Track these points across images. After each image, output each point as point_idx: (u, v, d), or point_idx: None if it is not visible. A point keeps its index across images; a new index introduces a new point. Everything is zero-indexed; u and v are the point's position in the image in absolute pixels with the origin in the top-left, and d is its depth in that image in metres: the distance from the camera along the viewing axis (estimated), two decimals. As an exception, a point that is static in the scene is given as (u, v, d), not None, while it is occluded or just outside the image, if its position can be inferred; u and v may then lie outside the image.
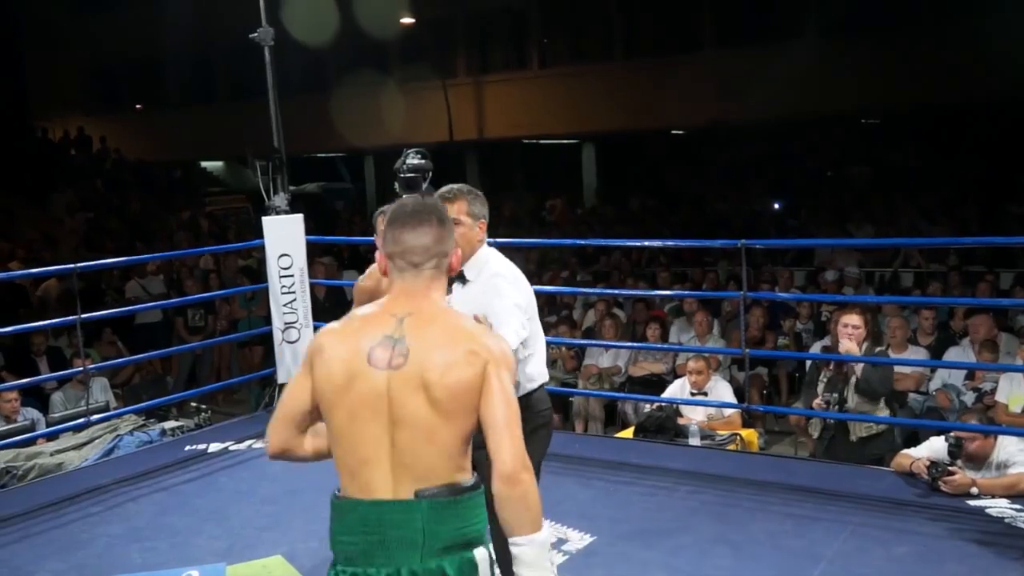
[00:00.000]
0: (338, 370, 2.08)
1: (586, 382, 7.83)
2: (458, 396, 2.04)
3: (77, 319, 5.63)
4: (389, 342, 2.07)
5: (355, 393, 2.06)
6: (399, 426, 2.03)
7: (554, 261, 12.12)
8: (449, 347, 2.06)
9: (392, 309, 2.13)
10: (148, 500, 5.04)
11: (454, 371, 2.04)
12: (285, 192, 6.52)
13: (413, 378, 2.04)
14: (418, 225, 2.16)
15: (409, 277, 2.16)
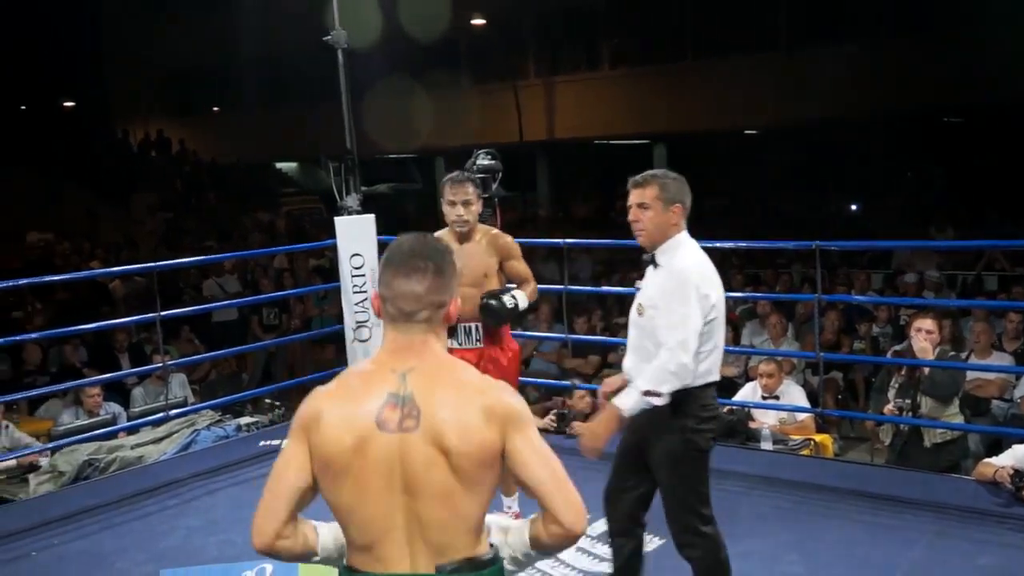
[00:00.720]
0: (343, 436, 1.87)
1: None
2: (483, 462, 1.88)
3: (157, 317, 5.77)
4: (396, 400, 1.89)
5: (365, 461, 1.87)
6: (415, 496, 1.87)
7: (624, 262, 12.07)
8: (462, 406, 1.89)
9: (391, 364, 1.94)
10: (224, 494, 5.17)
11: (474, 434, 1.87)
12: (357, 193, 6.60)
13: (428, 442, 1.87)
14: (411, 272, 1.96)
15: (402, 327, 1.97)
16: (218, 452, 5.86)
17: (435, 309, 1.97)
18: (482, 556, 1.92)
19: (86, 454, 5.68)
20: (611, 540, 3.58)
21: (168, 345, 8.46)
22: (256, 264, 12.35)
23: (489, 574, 1.92)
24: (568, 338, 6.63)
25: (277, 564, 4.13)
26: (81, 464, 5.61)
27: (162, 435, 6.13)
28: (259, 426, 6.42)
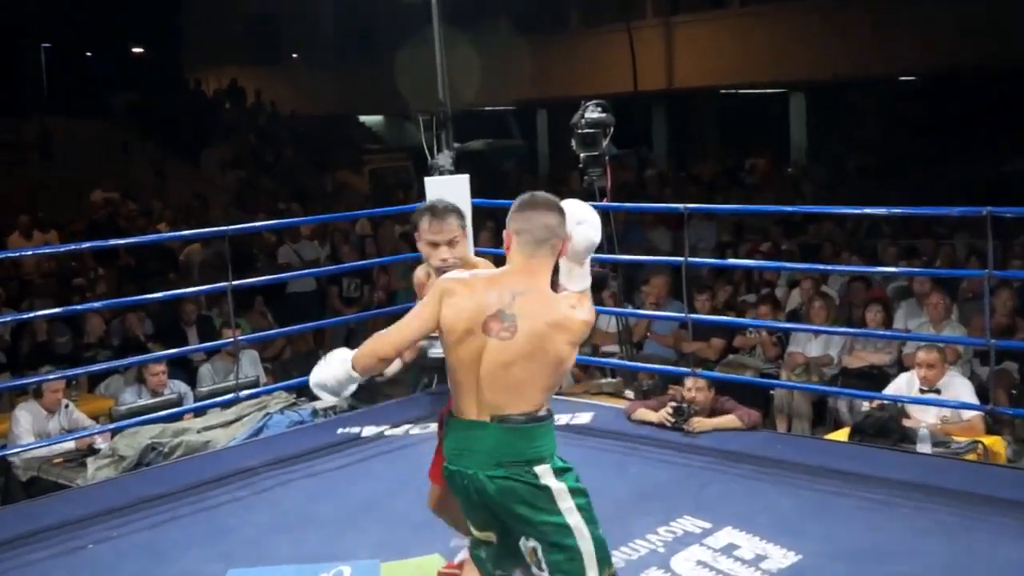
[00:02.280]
0: (462, 320, 2.88)
1: (791, 373, 7.61)
2: (550, 365, 2.87)
3: (228, 286, 5.85)
4: (502, 316, 2.86)
5: (466, 345, 2.88)
6: (488, 383, 2.87)
7: (754, 230, 11.82)
8: (550, 334, 2.86)
9: (510, 283, 2.89)
10: (298, 486, 5.22)
11: (550, 345, 2.85)
12: (450, 150, 6.58)
13: (515, 351, 2.85)
14: (546, 209, 2.91)
15: (529, 252, 2.89)
16: (292, 439, 5.92)
17: (557, 239, 2.91)
18: (530, 413, 2.87)
19: (149, 438, 5.80)
20: None
21: (239, 318, 8.58)
22: (336, 229, 12.47)
23: (532, 427, 2.87)
24: (687, 318, 6.50)
25: (355, 565, 4.15)
26: (143, 448, 5.73)
27: (231, 418, 6.22)
28: (337, 411, 6.47)
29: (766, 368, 7.93)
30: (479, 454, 2.86)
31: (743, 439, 5.51)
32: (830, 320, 7.81)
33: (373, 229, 12.61)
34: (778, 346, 8.04)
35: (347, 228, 12.69)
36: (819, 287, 8.50)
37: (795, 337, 7.89)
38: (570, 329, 2.86)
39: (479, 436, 2.87)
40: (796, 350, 7.80)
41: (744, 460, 5.21)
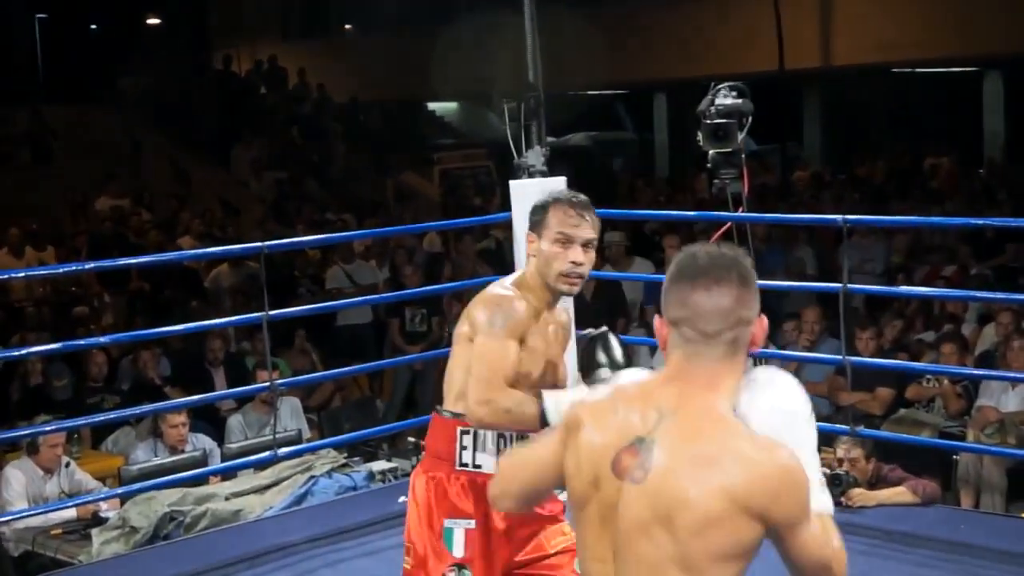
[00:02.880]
0: (587, 465, 2.33)
1: (980, 432, 7.55)
2: (719, 555, 2.16)
3: (264, 316, 5.98)
4: (639, 445, 2.26)
5: (600, 497, 2.30)
6: (616, 554, 2.27)
7: (935, 249, 11.70)
8: (708, 478, 2.16)
9: (659, 398, 2.29)
10: (350, 567, 5.33)
11: (713, 531, 2.15)
12: (542, 145, 6.66)
13: (648, 505, 2.21)
14: (714, 283, 2.28)
15: (693, 350, 2.29)
16: (343, 509, 6.03)
17: (742, 327, 2.29)
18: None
19: (166, 505, 5.95)
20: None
21: (277, 357, 8.75)
22: (399, 246, 12.62)
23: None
24: (846, 360, 6.49)
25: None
26: (160, 518, 5.88)
27: (268, 482, 6.36)
28: (398, 474, 6.57)
29: (948, 426, 7.87)
30: None
31: (917, 517, 5.50)
32: (1033, 365, 7.73)
33: (444, 246, 12.76)
34: (964, 398, 7.98)
35: (412, 245, 12.83)
36: (1020, 323, 8.42)
37: (987, 387, 7.81)
38: (733, 475, 2.16)
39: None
40: (988, 403, 7.73)
41: (916, 543, 5.20)
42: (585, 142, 22.70)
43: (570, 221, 3.42)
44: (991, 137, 19.89)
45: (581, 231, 3.43)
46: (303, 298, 10.99)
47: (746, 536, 2.15)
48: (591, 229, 3.45)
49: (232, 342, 9.97)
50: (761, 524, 2.15)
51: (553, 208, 3.45)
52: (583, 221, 3.43)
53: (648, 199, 15.84)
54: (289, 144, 20.97)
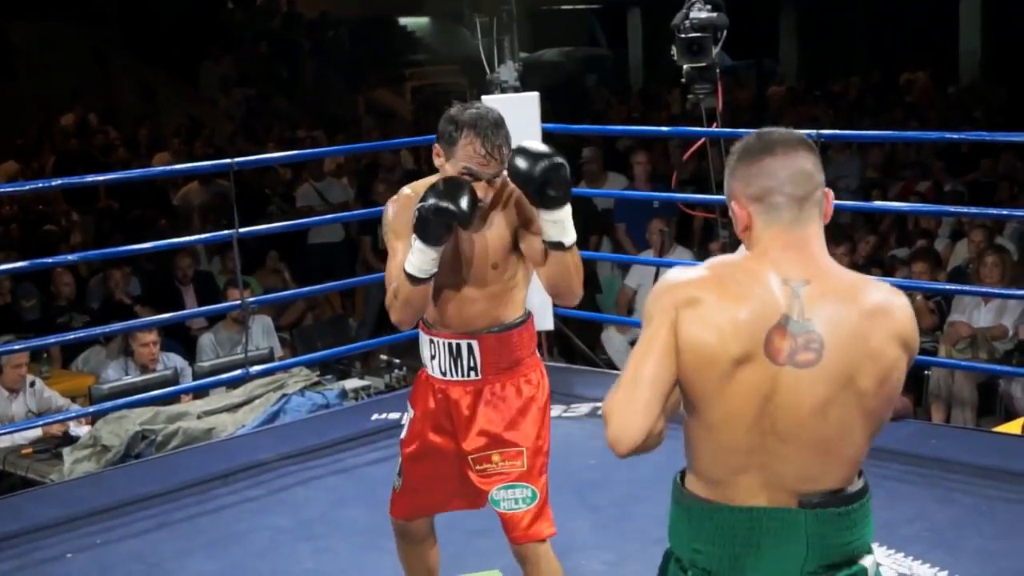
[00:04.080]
0: (728, 341, 2.20)
1: (952, 348, 7.60)
2: (891, 399, 2.24)
3: (234, 234, 5.97)
4: (787, 325, 2.20)
5: (737, 385, 2.21)
6: (788, 442, 2.22)
7: (909, 165, 11.72)
8: (876, 334, 2.21)
9: (781, 270, 2.24)
10: (322, 484, 5.36)
11: (891, 369, 2.22)
12: (515, 61, 6.63)
13: (831, 380, 2.19)
14: (791, 150, 2.29)
15: (792, 217, 2.26)
16: (315, 427, 6.06)
17: (821, 192, 2.30)
18: (851, 489, 2.27)
19: (138, 423, 5.97)
20: None
21: (248, 276, 8.73)
22: (371, 163, 12.58)
23: (858, 508, 2.27)
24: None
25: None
26: (132, 437, 5.90)
27: (240, 400, 6.38)
28: (371, 392, 6.60)
29: (921, 341, 7.93)
30: (782, 560, 2.26)
31: (888, 432, 5.41)
32: (1005, 281, 7.76)
33: (417, 163, 12.71)
34: (936, 314, 8.02)
35: (384, 162, 12.78)
36: (992, 239, 8.45)
37: (959, 302, 7.86)
38: (893, 315, 2.23)
39: (778, 534, 2.25)
40: (959, 319, 7.78)
41: (888, 458, 5.24)
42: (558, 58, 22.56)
43: (478, 159, 3.31)
44: (967, 54, 19.85)
45: (488, 169, 3.32)
46: (274, 216, 10.94)
47: (903, 374, 2.24)
48: (499, 164, 3.33)
49: (203, 261, 9.94)
50: (908, 357, 2.24)
51: (464, 137, 3.31)
52: (492, 160, 3.31)
53: (622, 115, 15.77)
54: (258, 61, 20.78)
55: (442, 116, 3.40)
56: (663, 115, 14.90)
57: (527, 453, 3.45)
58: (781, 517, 2.23)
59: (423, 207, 3.22)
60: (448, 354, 3.50)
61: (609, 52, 24.85)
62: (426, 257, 3.26)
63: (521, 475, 3.44)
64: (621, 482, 4.75)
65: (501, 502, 3.45)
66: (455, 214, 3.21)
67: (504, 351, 3.49)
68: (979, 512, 4.72)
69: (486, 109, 3.39)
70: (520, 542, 3.46)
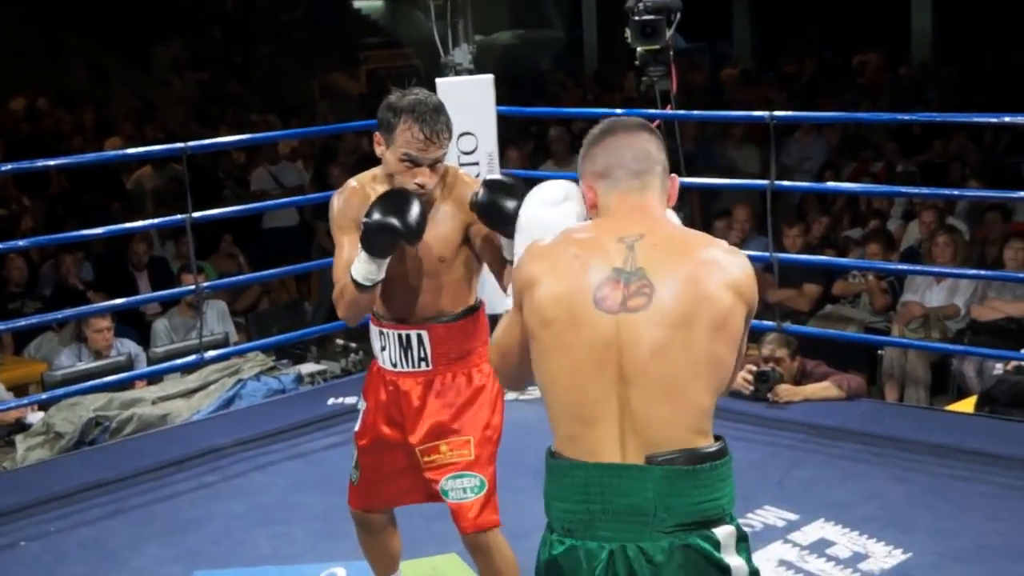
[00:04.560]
0: (557, 313, 2.37)
1: (905, 327, 7.66)
2: (729, 342, 2.36)
3: (187, 219, 5.94)
4: (620, 276, 2.34)
5: (579, 341, 2.35)
6: (633, 384, 2.32)
7: (863, 146, 11.78)
8: (705, 279, 2.34)
9: (617, 230, 2.41)
10: (278, 470, 5.35)
11: (722, 311, 2.34)
12: (469, 43, 6.61)
13: (660, 322, 2.31)
14: (632, 131, 2.49)
15: (628, 186, 2.46)
16: (271, 412, 6.06)
17: (663, 171, 2.50)
18: (704, 448, 2.33)
19: (92, 410, 5.94)
20: None
21: (202, 261, 8.69)
22: (326, 146, 12.54)
23: (710, 468, 2.32)
24: (772, 257, 6.54)
25: (351, 566, 4.26)
26: (86, 423, 5.87)
27: (194, 386, 6.35)
28: (327, 376, 6.59)
29: (873, 322, 7.98)
30: (631, 517, 2.31)
31: (842, 411, 5.59)
32: (957, 261, 7.82)
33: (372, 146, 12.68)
34: (889, 294, 8.08)
35: (339, 145, 12.74)
36: (944, 219, 8.51)
37: (911, 282, 7.92)
38: (725, 266, 2.36)
39: (630, 488, 2.31)
40: (912, 299, 7.83)
41: (842, 437, 5.30)
42: (512, 40, 22.55)
43: (416, 144, 3.29)
44: (919, 35, 19.97)
45: (428, 154, 3.30)
46: (228, 200, 10.87)
47: (741, 323, 2.37)
48: (439, 148, 3.32)
49: (156, 246, 9.89)
50: (746, 312, 2.37)
51: (402, 124, 3.30)
52: (431, 145, 3.29)
53: (576, 97, 15.77)
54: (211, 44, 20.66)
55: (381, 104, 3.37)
56: (618, 97, 14.89)
57: (475, 442, 3.45)
58: (630, 474, 2.31)
59: (369, 222, 3.21)
60: (398, 345, 3.48)
61: (563, 34, 24.84)
62: (372, 267, 3.27)
63: (469, 464, 3.44)
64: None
65: (450, 492, 3.44)
66: (402, 233, 3.21)
67: (454, 341, 3.48)
68: (932, 490, 4.77)
69: (425, 95, 3.36)
70: (469, 531, 3.45)
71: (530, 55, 21.66)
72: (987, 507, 4.58)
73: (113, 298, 7.55)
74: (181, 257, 9.23)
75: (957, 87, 15.13)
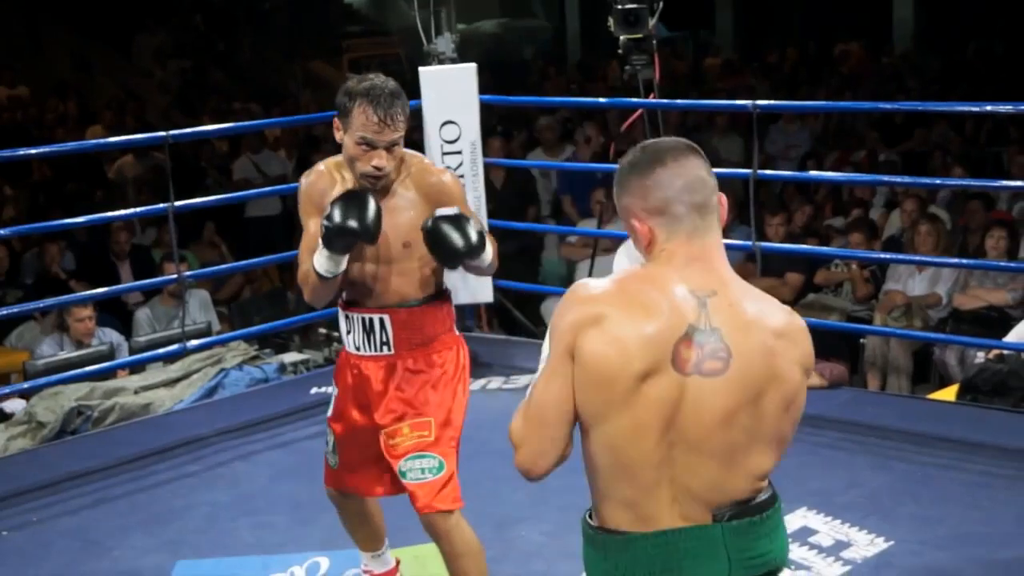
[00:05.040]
0: (632, 357, 2.16)
1: (887, 316, 7.67)
2: (795, 418, 2.26)
3: (169, 208, 5.93)
4: (693, 335, 2.17)
5: (643, 398, 2.17)
6: (693, 452, 2.19)
7: (845, 135, 11.80)
8: (782, 351, 2.21)
9: (687, 281, 2.21)
10: (262, 459, 5.35)
11: (793, 385, 2.22)
12: (452, 32, 6.60)
13: (737, 390, 2.18)
14: (683, 157, 2.26)
15: (693, 226, 2.23)
16: (254, 401, 6.05)
17: (717, 199, 2.27)
18: (760, 498, 2.24)
19: (74, 399, 5.92)
20: None
21: (184, 250, 8.67)
22: (309, 135, 12.52)
23: (770, 516, 2.25)
24: (755, 246, 6.55)
25: (335, 555, 4.27)
26: (68, 413, 5.85)
27: (177, 375, 6.34)
28: (310, 366, 6.57)
29: (855, 311, 8.00)
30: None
31: (824, 400, 5.59)
32: (939, 249, 7.84)
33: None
34: (871, 283, 8.09)
35: (321, 134, 12.72)
36: (926, 208, 8.53)
37: (894, 271, 7.93)
38: (797, 342, 2.24)
39: (698, 553, 2.22)
40: (894, 288, 7.85)
41: (824, 425, 5.30)
42: (496, 29, 22.52)
43: (372, 127, 3.29)
44: (901, 24, 20.00)
45: (384, 136, 3.31)
46: (210, 189, 10.85)
47: (805, 399, 2.26)
48: (395, 130, 3.32)
49: (138, 235, 9.87)
50: (807, 382, 2.27)
51: (357, 107, 3.31)
52: (386, 127, 3.29)
53: (560, 87, 15.76)
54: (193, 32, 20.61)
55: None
56: (600, 87, 14.89)
57: (435, 424, 3.46)
58: (698, 536, 2.21)
59: (327, 225, 3.25)
60: (361, 329, 3.51)
61: (547, 23, 24.81)
62: (332, 262, 3.32)
63: (428, 445, 3.45)
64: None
65: (408, 472, 3.46)
66: (358, 233, 3.25)
67: (416, 327, 3.50)
68: (914, 478, 4.78)
69: (382, 80, 3.37)
70: (424, 512, 3.46)
71: (513, 44, 21.63)
72: (968, 495, 4.59)
73: (95, 287, 7.54)
74: (163, 246, 9.22)
75: (939, 76, 15.16)
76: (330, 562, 4.28)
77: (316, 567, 4.27)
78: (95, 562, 4.45)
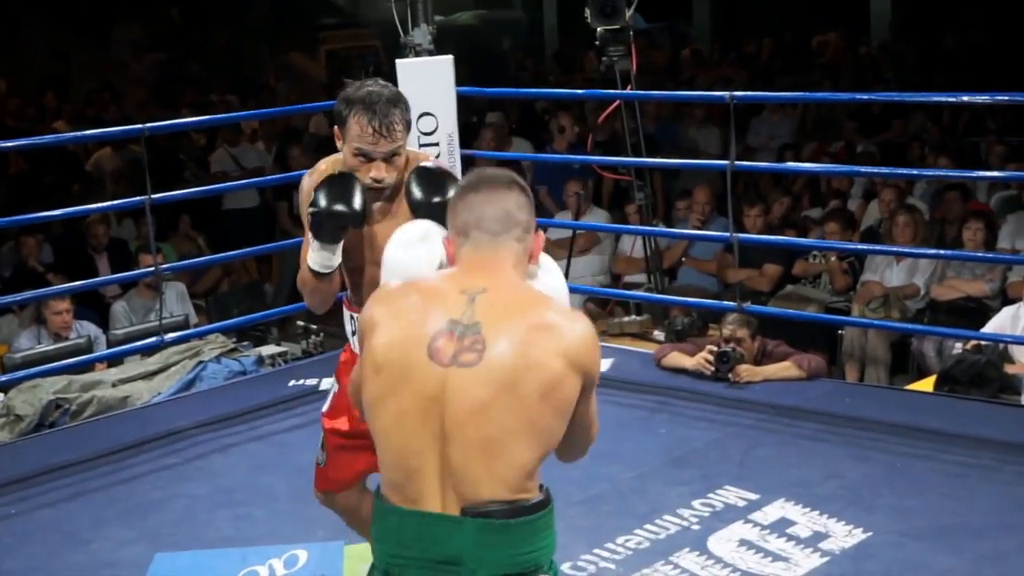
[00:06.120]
0: (389, 359, 2.37)
1: (864, 307, 7.70)
2: (556, 409, 2.34)
3: (147, 200, 5.91)
4: (454, 328, 2.34)
5: (407, 391, 2.35)
6: (452, 443, 2.32)
7: (822, 126, 11.82)
8: (539, 343, 2.32)
9: (462, 283, 2.40)
10: (240, 451, 5.34)
11: (550, 377, 2.31)
12: (429, 24, 6.59)
13: (487, 380, 2.31)
14: (497, 189, 2.46)
15: (483, 243, 2.44)
16: (232, 394, 6.04)
17: (523, 233, 2.46)
18: (524, 502, 2.34)
19: (52, 392, 5.90)
20: None
21: (162, 242, 8.65)
22: (286, 128, 12.49)
23: (527, 522, 2.34)
24: (733, 238, 6.56)
25: (313, 548, 4.26)
26: (46, 406, 5.84)
27: (155, 368, 6.32)
28: (288, 358, 6.57)
29: (833, 302, 8.02)
30: (447, 568, 2.35)
31: (802, 391, 5.62)
32: (916, 240, 7.87)
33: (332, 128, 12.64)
34: (849, 274, 8.12)
35: (299, 126, 12.70)
36: (903, 199, 8.55)
37: (871, 262, 7.95)
38: (562, 336, 2.34)
39: (443, 537, 2.34)
40: (872, 279, 7.87)
41: (802, 417, 5.32)
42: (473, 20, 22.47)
43: (367, 139, 3.22)
44: (878, 15, 20.04)
45: (380, 147, 3.22)
46: (188, 182, 10.81)
47: (574, 392, 2.34)
48: (392, 141, 3.23)
49: (115, 227, 9.83)
50: (582, 381, 2.35)
51: (353, 117, 3.24)
52: (382, 138, 3.21)
53: (534, 77, 15.76)
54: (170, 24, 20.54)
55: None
56: (578, 78, 14.90)
57: None
58: (445, 524, 2.32)
59: (314, 211, 3.19)
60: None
61: (524, 15, 24.80)
62: (326, 254, 3.25)
63: None
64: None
65: None
66: (347, 217, 3.19)
67: None
68: (893, 469, 4.80)
69: (381, 86, 3.29)
70: None
71: (491, 35, 21.60)
72: (946, 486, 4.61)
73: (73, 280, 7.51)
74: (140, 238, 9.19)
75: (916, 66, 15.20)
76: (308, 554, 4.28)
77: (294, 559, 4.27)
78: (73, 554, 4.44)
